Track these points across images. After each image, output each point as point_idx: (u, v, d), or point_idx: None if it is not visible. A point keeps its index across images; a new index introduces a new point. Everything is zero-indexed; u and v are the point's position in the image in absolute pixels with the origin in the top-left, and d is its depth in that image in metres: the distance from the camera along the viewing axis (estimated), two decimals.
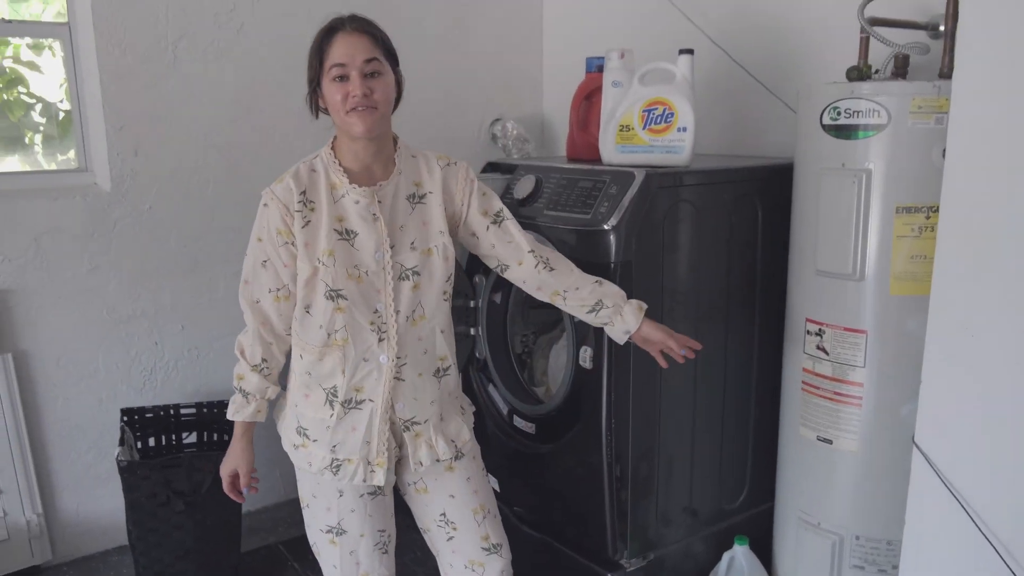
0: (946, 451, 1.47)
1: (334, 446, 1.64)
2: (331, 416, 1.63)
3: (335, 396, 1.62)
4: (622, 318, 1.70)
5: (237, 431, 1.73)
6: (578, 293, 1.71)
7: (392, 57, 1.61)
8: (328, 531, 1.69)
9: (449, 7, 2.95)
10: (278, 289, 1.62)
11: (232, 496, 1.77)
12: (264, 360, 1.66)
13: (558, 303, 1.75)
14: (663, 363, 1.73)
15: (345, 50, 1.53)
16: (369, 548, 1.71)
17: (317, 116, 1.64)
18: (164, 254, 2.56)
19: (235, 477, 1.75)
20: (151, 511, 2.28)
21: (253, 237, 1.63)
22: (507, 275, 1.77)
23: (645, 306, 1.72)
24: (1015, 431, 1.37)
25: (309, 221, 1.58)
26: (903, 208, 1.68)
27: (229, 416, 1.71)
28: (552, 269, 1.72)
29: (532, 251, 1.72)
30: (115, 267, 2.50)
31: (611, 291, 1.72)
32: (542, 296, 1.76)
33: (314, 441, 1.66)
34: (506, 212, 1.76)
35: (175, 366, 2.64)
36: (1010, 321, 1.35)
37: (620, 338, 1.73)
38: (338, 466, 1.65)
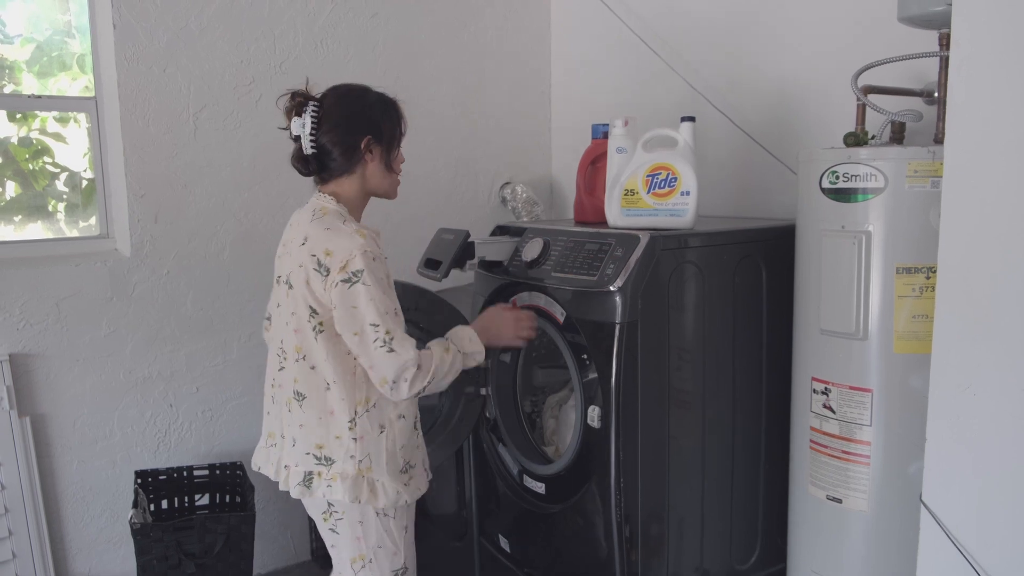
0: (954, 509, 1.47)
1: (427, 465, 1.88)
2: (418, 436, 1.84)
3: (417, 418, 1.85)
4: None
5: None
6: None
7: None
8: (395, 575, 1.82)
9: (462, 76, 3.05)
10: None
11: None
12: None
13: None
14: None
15: None
16: None
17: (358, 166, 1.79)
18: (180, 317, 2.62)
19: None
20: (162, 574, 2.28)
21: (379, 280, 1.65)
22: None
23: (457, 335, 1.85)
24: (1020, 489, 1.37)
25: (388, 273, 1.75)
26: (903, 268, 1.71)
27: (476, 363, 1.81)
28: None
29: None
30: (132, 330, 2.55)
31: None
32: None
33: (414, 467, 1.82)
34: None
35: (189, 427, 2.67)
36: (1011, 380, 1.37)
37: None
38: (430, 480, 1.88)
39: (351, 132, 1.73)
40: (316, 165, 1.76)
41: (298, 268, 1.70)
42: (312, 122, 1.71)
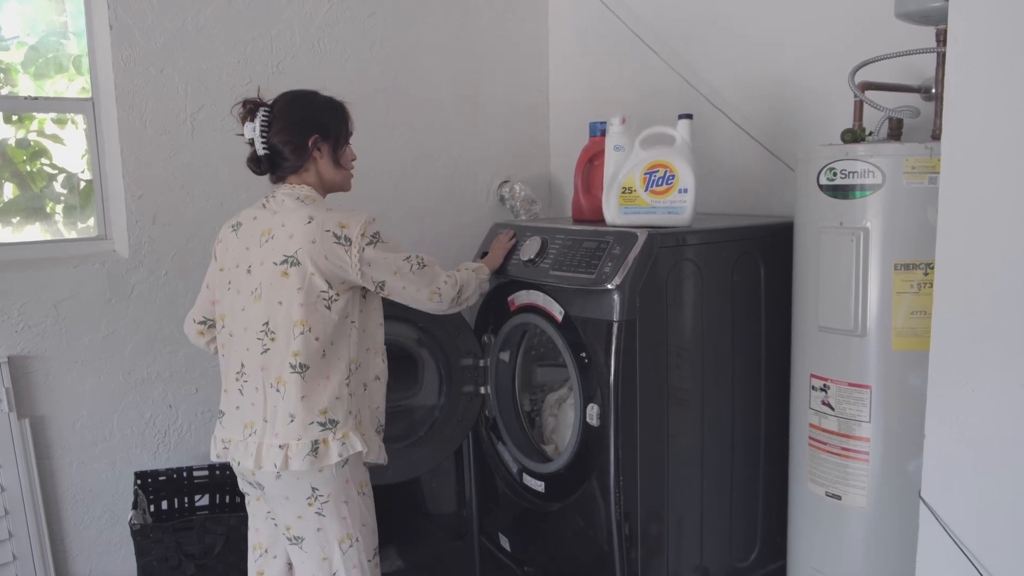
0: (953, 506, 1.47)
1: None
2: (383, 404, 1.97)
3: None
4: None
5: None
6: None
7: None
8: (375, 554, 1.87)
9: (460, 75, 3.05)
10: None
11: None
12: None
13: None
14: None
15: None
16: None
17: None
18: (179, 318, 2.59)
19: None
20: (162, 575, 2.28)
21: (389, 237, 1.87)
22: None
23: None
24: (1019, 485, 1.37)
25: None
26: (901, 265, 1.71)
27: (484, 278, 2.12)
28: None
29: None
30: (131, 331, 2.55)
31: None
32: None
33: (384, 430, 1.96)
34: None
35: (189, 428, 2.67)
36: (1010, 377, 1.36)
37: None
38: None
39: (299, 132, 1.86)
40: (268, 164, 1.90)
41: (310, 244, 1.78)
42: (262, 125, 1.86)
